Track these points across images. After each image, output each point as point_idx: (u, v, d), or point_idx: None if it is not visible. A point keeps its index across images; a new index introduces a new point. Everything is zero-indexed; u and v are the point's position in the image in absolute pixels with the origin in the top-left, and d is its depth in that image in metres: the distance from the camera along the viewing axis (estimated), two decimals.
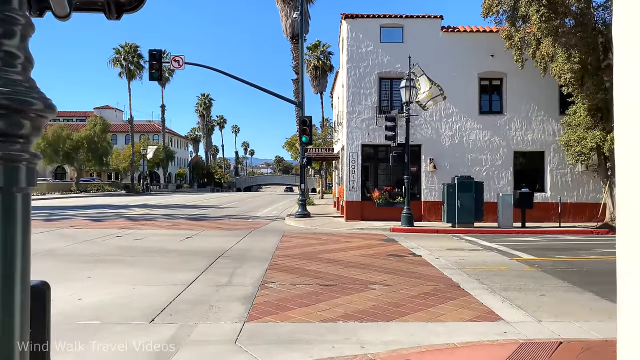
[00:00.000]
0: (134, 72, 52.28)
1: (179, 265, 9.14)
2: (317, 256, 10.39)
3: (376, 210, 18.50)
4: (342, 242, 12.83)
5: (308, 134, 19.78)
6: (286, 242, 12.86)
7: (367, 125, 18.66)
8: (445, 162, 18.61)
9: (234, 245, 12.09)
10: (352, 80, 18.65)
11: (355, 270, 8.73)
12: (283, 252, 10.96)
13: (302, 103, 20.78)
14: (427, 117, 18.61)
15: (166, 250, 11.16)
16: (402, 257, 10.34)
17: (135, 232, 14.94)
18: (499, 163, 18.69)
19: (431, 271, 8.80)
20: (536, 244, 12.94)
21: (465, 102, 18.58)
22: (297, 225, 17.82)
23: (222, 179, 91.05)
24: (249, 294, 6.94)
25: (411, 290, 7.26)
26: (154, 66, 19.28)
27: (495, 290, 7.37)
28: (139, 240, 12.95)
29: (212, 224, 17.80)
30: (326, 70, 48.19)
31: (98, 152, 48.75)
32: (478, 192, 16.41)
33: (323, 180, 49.42)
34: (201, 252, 10.89)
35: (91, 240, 12.79)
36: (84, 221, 18.45)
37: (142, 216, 21.33)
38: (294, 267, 9.05)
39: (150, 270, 8.62)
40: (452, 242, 13.39)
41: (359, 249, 11.63)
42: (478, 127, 18.69)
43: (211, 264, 9.34)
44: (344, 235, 14.54)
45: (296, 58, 31.00)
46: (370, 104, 18.65)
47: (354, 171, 18.65)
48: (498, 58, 18.55)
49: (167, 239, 13.38)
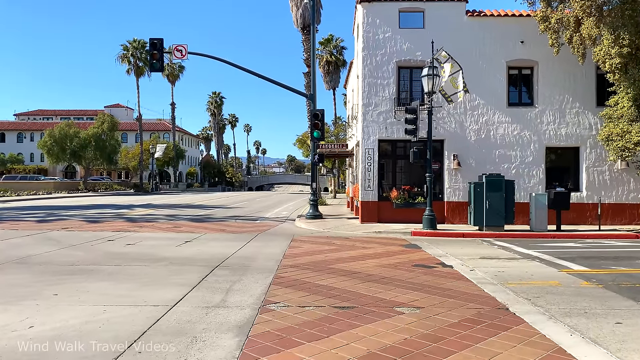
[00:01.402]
0: (142, 69, 51.13)
1: (168, 278, 7.74)
2: (330, 266, 8.92)
3: (394, 211, 16.97)
4: (358, 248, 11.36)
5: (320, 128, 18.31)
6: (295, 247, 11.42)
7: (385, 118, 17.12)
8: (471, 159, 17.00)
9: (237, 251, 10.69)
10: (368, 70, 17.13)
11: (376, 286, 7.24)
12: (291, 260, 9.52)
13: (313, 95, 19.31)
14: (451, 109, 17.02)
15: (158, 257, 9.78)
16: (431, 269, 8.82)
17: (131, 235, 13.62)
18: (529, 160, 17.04)
19: (468, 287, 7.28)
20: (581, 252, 11.32)
21: (493, 93, 16.95)
22: (308, 227, 16.38)
23: (234, 178, 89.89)
24: (245, 319, 5.51)
25: (449, 315, 5.77)
26: (155, 56, 17.97)
27: (555, 315, 5.84)
28: (132, 245, 11.61)
29: (216, 226, 16.44)
30: (339, 66, 46.65)
31: (106, 151, 47.72)
32: (509, 192, 14.80)
33: (335, 179, 47.89)
34: (198, 260, 9.50)
35: (78, 245, 11.47)
36: (79, 222, 17.21)
37: (143, 217, 20.06)
38: (302, 280, 7.60)
39: (132, 284, 7.24)
40: (484, 248, 11.83)
41: (378, 256, 10.15)
42: (506, 121, 17.05)
43: (206, 276, 7.93)
44: (359, 240, 13.06)
45: (307, 50, 29.56)
46: (387, 95, 17.11)
47: (370, 169, 17.14)
48: (528, 45, 16.90)
49: (164, 243, 12.02)
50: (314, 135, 18.27)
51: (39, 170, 67.24)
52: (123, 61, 50.96)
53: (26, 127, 75.65)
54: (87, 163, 48.53)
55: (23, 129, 75.57)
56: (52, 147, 44.90)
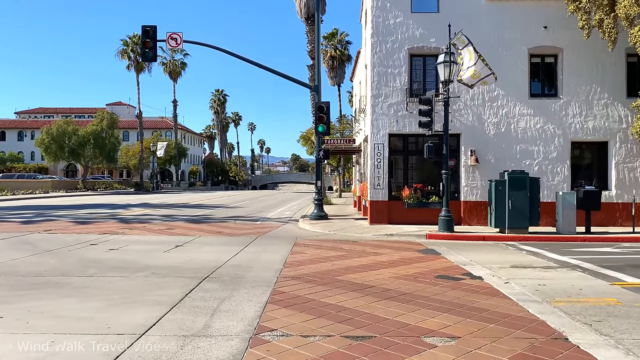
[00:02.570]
0: (142, 65, 49.83)
1: (145, 293, 6.46)
2: (339, 277, 7.61)
3: (406, 212, 15.62)
4: (370, 254, 10.04)
5: (325, 122, 16.97)
6: (298, 253, 10.12)
7: (396, 111, 15.77)
8: (489, 155, 15.63)
9: (232, 258, 9.40)
10: (378, 58, 15.77)
11: (396, 306, 5.93)
12: (293, 270, 8.22)
13: (318, 87, 17.97)
14: (468, 101, 15.65)
15: (140, 266, 8.50)
16: (458, 281, 7.49)
17: (118, 238, 12.37)
18: (553, 155, 15.65)
19: (509, 307, 5.95)
20: (624, 258, 9.95)
21: (513, 83, 15.56)
22: (312, 229, 15.08)
23: (237, 177, 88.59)
24: (231, 355, 4.21)
25: (495, 350, 4.44)
26: (147, 44, 16.69)
27: (632, 350, 4.51)
28: (115, 250, 10.34)
29: (213, 228, 15.16)
30: (344, 61, 45.22)
31: (105, 149, 46.50)
32: (533, 190, 13.45)
33: (341, 178, 46.54)
34: (185, 269, 8.21)
35: (55, 250, 10.22)
36: (66, 223, 15.98)
37: (137, 217, 18.82)
38: (306, 298, 6.29)
39: (99, 303, 5.95)
40: (511, 254, 10.47)
41: (393, 264, 8.82)
42: (528, 113, 15.66)
43: (191, 290, 6.64)
44: (370, 244, 11.74)
45: (311, 41, 28.20)
46: (399, 85, 15.76)
47: (379, 165, 15.80)
48: (552, 30, 15.51)
49: (152, 248, 10.75)
50: (318, 130, 16.94)
51: (40, 169, 66.17)
52: (123, 57, 49.71)
53: (27, 126, 74.69)
54: (86, 161, 47.34)
55: (24, 127, 74.62)
56: (50, 145, 43.75)
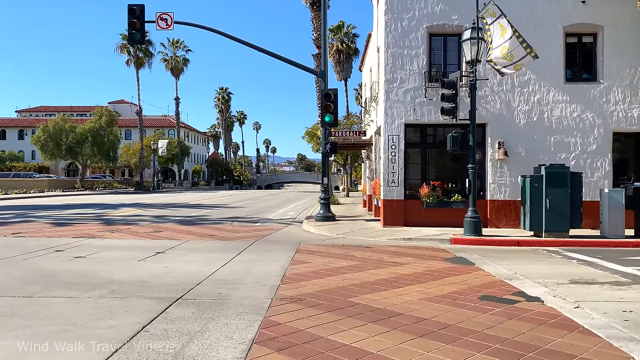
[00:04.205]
0: (142, 60, 48.20)
1: (86, 326, 4.67)
2: (352, 299, 5.79)
3: (424, 212, 13.77)
4: (388, 264, 8.20)
5: (332, 112, 15.15)
6: (301, 262, 8.31)
7: (412, 97, 13.92)
8: (519, 147, 13.74)
9: (219, 269, 7.61)
10: (392, 38, 13.92)
11: (440, 350, 4.09)
12: (293, 287, 6.41)
13: (324, 73, 16.13)
14: (495, 86, 13.77)
15: (102, 281, 6.72)
16: (511, 304, 5.63)
17: (92, 243, 10.63)
18: (592, 148, 13.74)
19: (602, 352, 4.10)
20: None
21: (547, 66, 13.66)
22: (318, 232, 13.26)
23: (242, 177, 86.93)
24: None
25: None
26: (134, 25, 14.94)
27: None
28: (81, 258, 8.58)
29: (206, 230, 13.39)
30: (350, 55, 43.39)
31: (104, 147, 44.84)
32: (575, 188, 11.57)
33: (347, 176, 44.63)
34: (156, 286, 6.43)
35: (8, 258, 8.49)
36: (42, 225, 14.28)
37: (125, 218, 17.08)
38: (308, 335, 4.47)
39: (12, 341, 4.16)
40: (561, 264, 8.60)
41: (419, 279, 6.99)
42: (564, 100, 13.76)
43: (151, 321, 4.85)
44: (386, 250, 9.90)
45: (317, 28, 26.38)
46: (416, 69, 13.90)
47: (394, 160, 13.96)
48: (591, 5, 13.61)
49: (126, 255, 8.98)
50: (325, 120, 15.12)
51: (41, 168, 64.74)
52: (122, 51, 48.02)
53: (28, 124, 73.33)
54: (84, 160, 45.72)
55: (25, 125, 73.31)
56: (47, 143, 42.14)
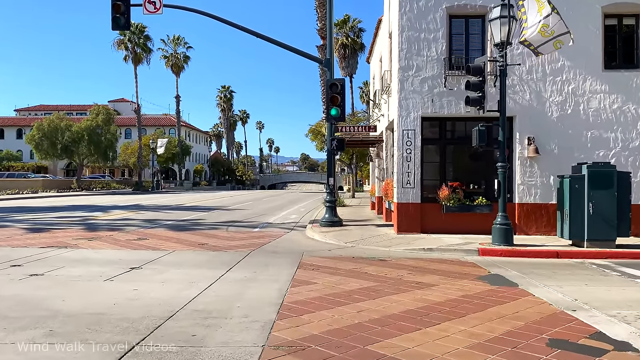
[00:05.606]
0: (140, 56, 46.74)
1: None
2: (372, 348, 4.22)
3: (444, 217, 12.17)
4: (412, 285, 6.61)
5: (339, 104, 13.56)
6: (303, 284, 6.73)
7: (430, 87, 12.32)
8: (552, 144, 12.12)
9: (200, 294, 6.06)
10: (408, 20, 12.32)
11: None
12: (292, 326, 4.82)
13: (329, 61, 14.53)
14: (524, 74, 12.15)
15: (42, 313, 5.18)
16: (597, 357, 4.03)
17: (60, 254, 9.11)
18: (635, 144, 12.11)
19: None
20: None
21: (582, 51, 12.02)
22: (323, 239, 11.68)
23: (245, 177, 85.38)
24: None
25: None
26: (118, 8, 13.41)
27: None
28: (35, 277, 7.05)
29: (198, 238, 11.83)
30: (356, 50, 41.78)
31: (101, 146, 43.37)
32: (622, 190, 9.97)
33: (352, 176, 43.01)
34: (112, 320, 4.87)
35: None
36: (15, 231, 12.77)
37: (111, 223, 15.56)
38: None
39: None
40: (626, 285, 6.98)
41: (456, 311, 5.39)
42: (602, 90, 12.13)
43: None
44: (406, 265, 8.31)
45: (322, 17, 24.85)
46: (434, 55, 12.30)
47: (409, 158, 12.36)
48: None
49: (93, 272, 7.44)
50: (331, 114, 13.53)
51: (39, 168, 63.38)
52: (120, 47, 46.56)
53: (26, 123, 71.89)
54: (80, 159, 44.26)
55: (23, 124, 71.94)
56: (41, 142, 40.70)
